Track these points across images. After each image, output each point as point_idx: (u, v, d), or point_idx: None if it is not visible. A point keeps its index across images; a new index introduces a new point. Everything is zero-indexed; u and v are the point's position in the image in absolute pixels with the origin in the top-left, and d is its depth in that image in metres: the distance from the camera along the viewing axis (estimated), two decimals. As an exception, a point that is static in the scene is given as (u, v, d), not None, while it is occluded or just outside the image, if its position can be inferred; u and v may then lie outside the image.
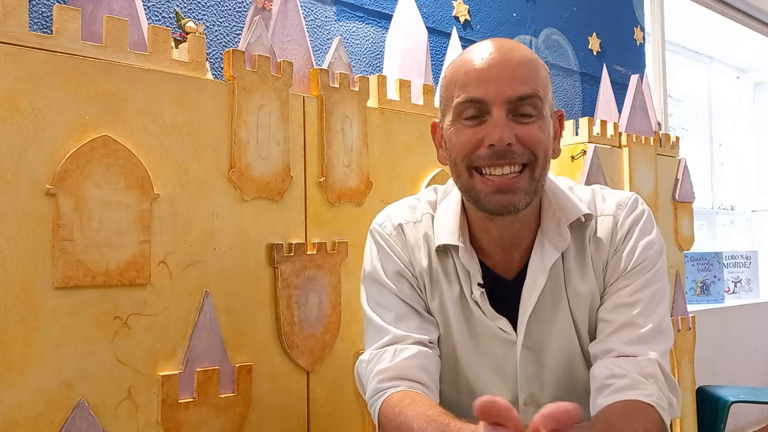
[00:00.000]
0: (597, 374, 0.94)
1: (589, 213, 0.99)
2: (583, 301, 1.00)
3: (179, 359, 1.14)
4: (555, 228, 0.98)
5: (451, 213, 1.02)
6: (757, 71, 4.39)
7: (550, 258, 0.97)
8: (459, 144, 0.93)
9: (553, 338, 1.00)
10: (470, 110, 0.92)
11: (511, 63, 0.91)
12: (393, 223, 1.06)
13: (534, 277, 0.98)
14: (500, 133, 0.88)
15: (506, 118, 0.89)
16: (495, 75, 0.90)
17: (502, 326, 0.99)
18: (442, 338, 1.04)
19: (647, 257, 0.98)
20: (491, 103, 0.90)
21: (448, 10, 2.25)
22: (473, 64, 0.92)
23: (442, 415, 0.86)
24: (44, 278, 1.01)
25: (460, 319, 1.02)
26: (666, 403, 0.91)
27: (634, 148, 2.10)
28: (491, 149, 0.89)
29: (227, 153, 1.22)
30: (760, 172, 4.33)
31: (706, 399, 2.26)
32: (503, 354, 1.01)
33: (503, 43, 0.94)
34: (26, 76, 1.00)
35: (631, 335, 0.94)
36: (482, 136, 0.90)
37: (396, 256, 1.04)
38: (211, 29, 1.65)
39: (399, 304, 1.02)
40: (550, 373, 1.01)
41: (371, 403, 0.99)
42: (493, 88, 0.90)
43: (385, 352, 0.99)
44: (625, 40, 3.03)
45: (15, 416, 0.97)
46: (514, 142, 0.89)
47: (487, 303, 0.99)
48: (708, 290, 3.29)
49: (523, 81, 0.90)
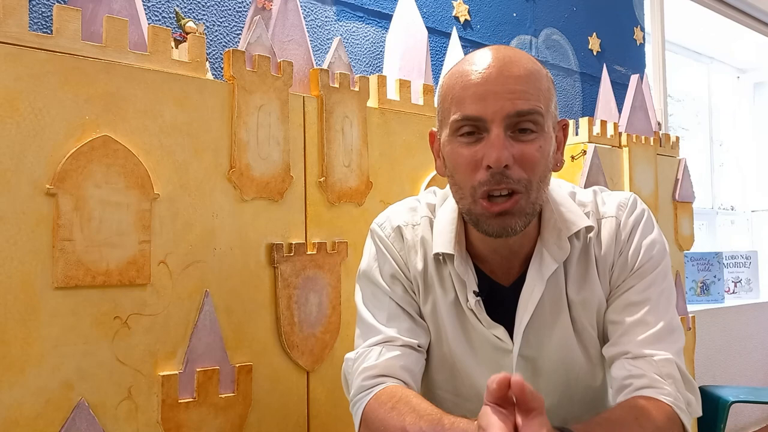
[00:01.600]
0: (615, 375, 0.94)
1: (591, 225, 0.98)
2: (587, 307, 0.99)
3: (179, 359, 1.14)
4: (555, 239, 0.96)
5: (447, 220, 1.01)
6: (757, 71, 4.39)
7: (548, 269, 0.96)
8: (459, 164, 0.90)
9: (551, 347, 1.00)
10: (467, 128, 0.89)
11: (511, 77, 0.87)
12: (392, 224, 1.05)
13: (531, 288, 0.97)
14: (497, 153, 0.85)
15: (504, 136, 0.86)
16: (493, 91, 0.87)
17: (498, 335, 0.99)
18: (434, 343, 1.04)
19: (651, 256, 0.98)
20: (489, 120, 0.87)
21: (448, 10, 2.25)
22: (470, 78, 0.89)
23: (435, 410, 0.86)
24: (44, 278, 1.01)
25: (455, 325, 1.01)
26: (684, 404, 0.90)
27: (634, 148, 2.10)
28: (489, 172, 0.87)
29: (227, 153, 1.22)
30: (760, 172, 4.33)
31: (706, 399, 2.25)
32: (499, 362, 1.00)
33: (502, 54, 0.90)
34: (26, 76, 1.00)
35: (644, 335, 0.94)
36: (480, 156, 0.88)
37: (392, 258, 1.04)
38: (211, 29, 1.65)
39: (392, 306, 1.02)
40: (547, 382, 1.01)
41: (355, 400, 0.98)
42: (490, 106, 0.86)
43: (372, 351, 0.99)
44: (625, 40, 3.03)
45: (15, 416, 0.97)
46: (511, 164, 0.86)
47: (483, 311, 0.98)
48: (708, 290, 3.29)
49: (522, 96, 0.87)
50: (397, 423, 0.88)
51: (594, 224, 0.99)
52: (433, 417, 0.85)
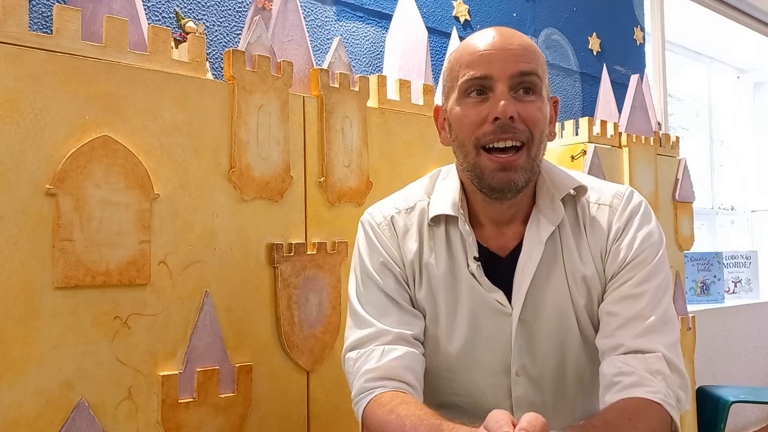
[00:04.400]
0: (605, 372, 0.95)
1: (582, 185, 1.03)
2: (581, 277, 1.01)
3: (179, 359, 1.14)
4: (549, 204, 1.02)
5: (450, 188, 1.06)
6: (757, 71, 4.39)
7: (545, 231, 1.01)
8: (465, 122, 0.98)
9: (547, 311, 1.02)
10: (475, 87, 0.97)
11: (513, 44, 0.97)
12: (384, 214, 1.08)
13: (530, 251, 1.01)
14: (504, 107, 0.94)
15: (509, 94, 0.95)
16: (498, 55, 0.96)
17: (498, 298, 1.01)
18: (431, 320, 1.05)
19: (648, 247, 1.00)
20: (495, 78, 0.95)
21: (448, 10, 2.25)
22: (477, 46, 0.98)
23: (434, 416, 0.87)
24: (44, 278, 1.01)
25: (449, 296, 1.03)
26: (674, 400, 0.91)
27: (634, 148, 2.10)
28: (495, 123, 0.94)
29: (227, 153, 1.22)
30: (760, 172, 4.33)
31: (706, 399, 2.26)
32: (497, 326, 1.02)
33: (504, 30, 1.00)
34: (26, 76, 1.00)
35: (639, 328, 0.95)
36: (487, 113, 0.95)
37: (383, 248, 1.06)
38: (211, 29, 1.65)
39: (382, 298, 1.04)
40: (542, 345, 1.03)
41: (357, 401, 1.00)
42: (496, 66, 0.95)
43: (373, 351, 1.00)
44: (625, 40, 3.03)
45: (15, 416, 0.97)
46: (516, 117, 0.94)
47: (483, 275, 1.01)
48: (708, 290, 3.29)
49: (523, 59, 0.96)
50: (397, 426, 0.88)
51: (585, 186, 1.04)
52: (432, 423, 0.85)
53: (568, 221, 1.03)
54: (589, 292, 1.02)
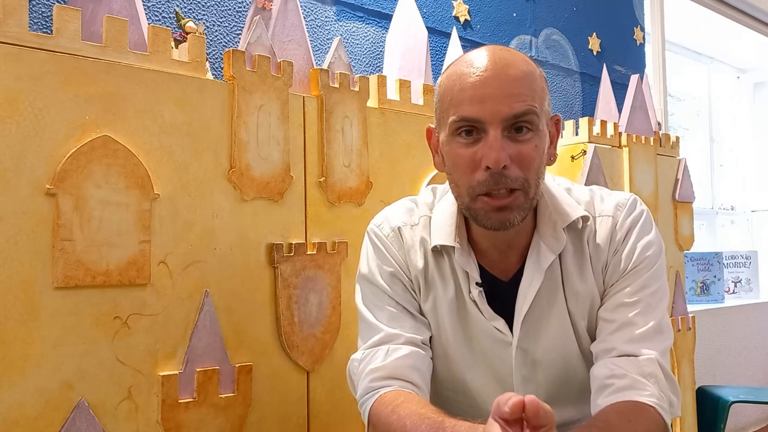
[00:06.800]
0: (597, 374, 0.95)
1: (586, 215, 1.00)
2: (582, 301, 1.00)
3: (179, 359, 1.14)
4: (551, 231, 0.99)
5: (447, 214, 1.03)
6: (757, 71, 4.38)
7: (546, 260, 0.98)
8: (459, 164, 0.93)
9: (548, 339, 1.01)
10: (465, 129, 0.91)
11: (507, 80, 0.90)
12: (391, 225, 1.07)
13: (530, 279, 0.99)
14: (496, 155, 0.88)
15: (502, 138, 0.89)
16: (490, 93, 0.89)
17: (498, 326, 1.00)
18: (434, 338, 1.05)
19: (646, 257, 0.99)
20: (487, 122, 0.89)
21: (448, 10, 2.25)
22: (467, 80, 0.91)
23: (436, 413, 0.87)
24: (44, 278, 1.01)
25: (454, 320, 1.02)
26: (667, 403, 0.91)
27: (634, 148, 2.10)
28: (488, 172, 0.89)
29: (227, 153, 1.22)
30: (760, 172, 4.33)
31: (706, 399, 2.26)
32: (498, 354, 1.02)
33: (498, 56, 0.92)
34: (26, 76, 1.00)
35: (631, 334, 0.95)
36: (479, 157, 0.90)
37: (392, 257, 1.05)
38: (211, 29, 1.65)
39: (392, 305, 1.03)
40: (545, 374, 1.02)
41: (362, 401, 0.99)
42: (488, 108, 0.89)
43: (378, 351, 1.00)
44: (625, 40, 3.03)
45: (15, 416, 0.97)
46: (509, 164, 0.89)
47: (485, 303, 1.00)
48: (708, 290, 3.29)
49: (518, 98, 0.89)
50: (399, 426, 0.88)
51: (589, 215, 1.01)
52: (434, 420, 0.85)
53: (571, 244, 1.00)
54: (591, 310, 1.01)
